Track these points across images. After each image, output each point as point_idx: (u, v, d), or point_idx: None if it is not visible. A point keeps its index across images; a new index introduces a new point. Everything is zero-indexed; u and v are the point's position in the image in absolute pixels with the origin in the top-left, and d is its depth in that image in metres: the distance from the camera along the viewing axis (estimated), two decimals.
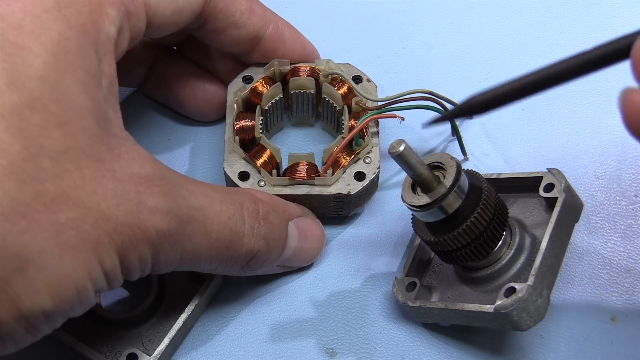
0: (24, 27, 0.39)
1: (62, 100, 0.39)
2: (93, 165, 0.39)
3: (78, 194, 0.38)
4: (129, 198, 0.40)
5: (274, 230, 0.50)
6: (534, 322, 0.46)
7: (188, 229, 0.44)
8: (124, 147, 0.42)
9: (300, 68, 0.57)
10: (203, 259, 0.46)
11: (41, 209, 0.37)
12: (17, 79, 0.38)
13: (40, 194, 0.37)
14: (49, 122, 0.38)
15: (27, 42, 0.39)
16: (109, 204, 0.39)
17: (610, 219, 0.57)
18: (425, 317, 0.52)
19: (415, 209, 0.48)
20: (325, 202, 0.54)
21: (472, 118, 0.45)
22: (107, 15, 0.43)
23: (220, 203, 0.46)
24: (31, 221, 0.37)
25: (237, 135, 0.54)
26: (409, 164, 0.46)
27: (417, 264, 0.54)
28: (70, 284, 0.39)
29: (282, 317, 0.54)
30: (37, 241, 0.37)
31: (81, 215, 0.38)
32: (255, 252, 0.48)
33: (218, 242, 0.46)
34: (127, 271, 0.42)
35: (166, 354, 0.51)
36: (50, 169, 0.38)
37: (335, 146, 0.54)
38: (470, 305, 0.48)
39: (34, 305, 0.38)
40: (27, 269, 0.37)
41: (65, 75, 0.40)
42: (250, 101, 0.57)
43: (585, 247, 0.56)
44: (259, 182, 0.53)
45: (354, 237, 0.57)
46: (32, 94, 0.38)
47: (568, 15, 0.66)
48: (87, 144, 0.39)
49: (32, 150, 0.37)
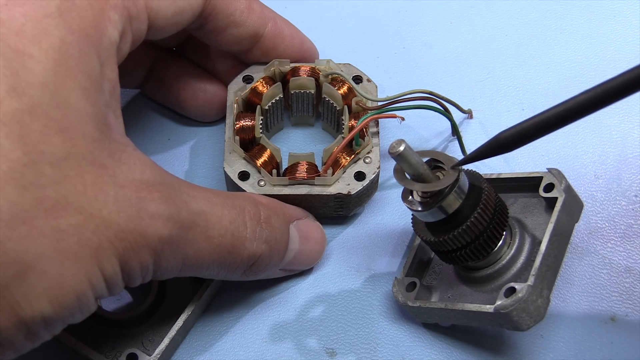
0: (25, 33, 0.39)
1: (63, 106, 0.39)
2: (94, 171, 0.39)
3: (79, 200, 0.38)
4: (130, 204, 0.40)
5: (275, 234, 0.49)
6: (534, 322, 0.46)
7: (190, 235, 0.43)
8: (124, 152, 0.41)
9: (300, 68, 0.57)
10: (205, 265, 0.46)
11: (42, 215, 0.37)
12: (17, 85, 0.38)
13: (41, 200, 0.37)
14: (50, 128, 0.38)
15: (28, 47, 0.39)
16: (110, 210, 0.39)
17: (610, 219, 0.57)
18: (425, 317, 0.52)
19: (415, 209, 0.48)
20: (325, 202, 0.54)
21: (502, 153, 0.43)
22: (109, 19, 0.43)
23: (221, 207, 0.46)
24: (31, 227, 0.37)
25: (237, 135, 0.54)
26: (409, 163, 0.46)
27: (417, 264, 0.54)
28: (70, 291, 0.38)
29: (282, 317, 0.54)
30: (37, 247, 0.37)
31: (82, 221, 0.38)
32: (258, 256, 0.48)
33: (220, 247, 0.45)
34: (128, 278, 0.41)
35: (166, 354, 0.51)
36: (50, 175, 0.38)
37: (336, 146, 0.54)
38: (470, 305, 0.48)
39: (34, 311, 0.37)
40: (27, 275, 0.37)
41: (66, 80, 0.39)
42: (251, 101, 0.57)
43: (585, 247, 0.56)
44: (259, 182, 0.53)
45: (354, 237, 0.57)
46: (32, 100, 0.38)
47: (568, 15, 0.66)
48: (87, 150, 0.39)
49: (32, 156, 0.37)
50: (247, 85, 0.56)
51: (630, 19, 0.66)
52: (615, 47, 0.65)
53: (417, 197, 0.48)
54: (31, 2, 0.40)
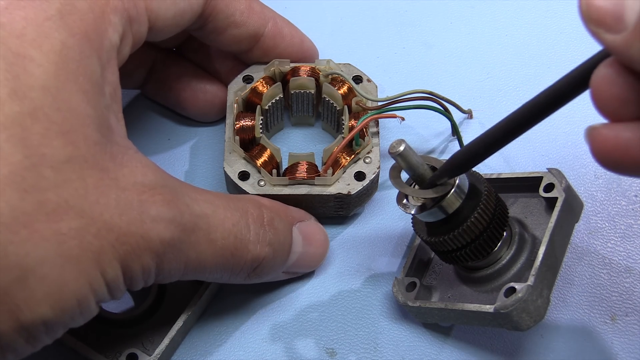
0: (25, 36, 0.39)
1: (64, 109, 0.39)
2: (96, 175, 0.39)
3: (80, 203, 0.38)
4: (132, 207, 0.40)
5: (279, 236, 0.49)
6: (534, 322, 0.46)
7: (192, 238, 0.43)
8: (126, 155, 0.41)
9: (300, 68, 0.57)
10: (208, 268, 0.45)
11: (43, 218, 0.37)
12: (18, 88, 0.38)
13: (42, 204, 0.37)
14: (51, 131, 0.38)
15: (29, 50, 0.39)
16: (111, 214, 0.39)
17: (610, 219, 0.57)
18: (425, 317, 0.52)
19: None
20: (325, 202, 0.54)
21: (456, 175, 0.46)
22: (110, 22, 0.43)
23: (224, 210, 0.46)
24: (32, 231, 0.37)
25: (237, 135, 0.54)
26: (409, 164, 0.46)
27: (417, 264, 0.54)
28: (71, 295, 0.38)
29: (282, 317, 0.54)
30: (39, 251, 0.37)
31: (83, 225, 0.38)
32: (262, 258, 0.48)
33: (223, 249, 0.45)
34: (130, 281, 0.41)
35: (166, 354, 0.51)
36: (52, 178, 0.37)
37: (336, 146, 0.54)
38: (470, 305, 0.48)
39: (34, 315, 0.37)
40: (28, 279, 0.37)
41: (67, 83, 0.39)
42: (251, 101, 0.57)
43: (585, 247, 0.56)
44: (259, 182, 0.53)
45: (354, 237, 0.57)
46: (33, 103, 0.38)
47: (568, 15, 0.66)
48: (89, 153, 0.39)
49: (33, 159, 0.37)
50: (247, 85, 0.57)
51: None
52: None
53: (412, 201, 0.48)
54: (32, 5, 0.40)
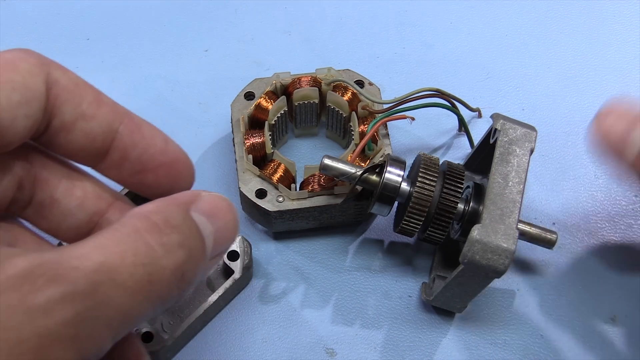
0: None
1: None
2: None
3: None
4: (17, 310, 0.35)
5: (183, 232, 0.42)
6: (508, 259, 0.44)
7: (99, 297, 0.37)
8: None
9: (301, 79, 0.57)
10: (135, 312, 0.39)
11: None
12: None
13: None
14: None
15: None
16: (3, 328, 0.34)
17: (610, 219, 0.57)
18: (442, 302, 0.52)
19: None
20: (346, 210, 0.54)
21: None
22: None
23: (116, 246, 0.39)
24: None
25: (250, 154, 0.54)
26: (338, 172, 0.50)
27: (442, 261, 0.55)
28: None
29: (282, 317, 0.54)
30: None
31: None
32: (181, 264, 0.41)
33: (138, 285, 0.39)
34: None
35: (181, 339, 0.51)
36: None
37: (349, 154, 0.53)
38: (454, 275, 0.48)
39: None
40: None
41: None
42: (256, 117, 0.56)
43: (585, 247, 0.56)
44: (278, 198, 0.53)
45: (354, 237, 0.57)
46: None
47: (568, 15, 0.66)
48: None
49: None
50: (250, 102, 0.56)
51: (630, 19, 0.66)
52: (615, 47, 0.65)
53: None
54: None
